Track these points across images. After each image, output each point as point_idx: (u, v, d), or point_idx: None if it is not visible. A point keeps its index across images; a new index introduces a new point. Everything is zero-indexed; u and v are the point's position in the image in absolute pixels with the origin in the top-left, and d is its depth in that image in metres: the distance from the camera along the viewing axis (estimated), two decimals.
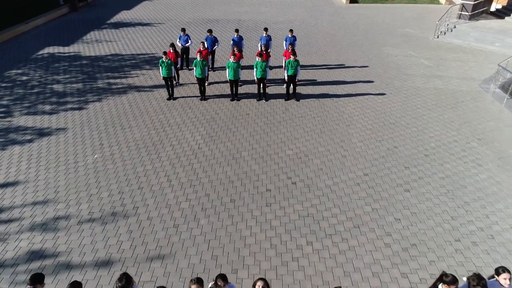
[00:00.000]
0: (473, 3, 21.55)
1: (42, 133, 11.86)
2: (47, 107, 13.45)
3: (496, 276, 5.28)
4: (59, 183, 9.56)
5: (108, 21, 24.56)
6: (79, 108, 13.37)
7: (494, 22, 21.89)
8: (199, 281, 4.96)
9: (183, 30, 15.95)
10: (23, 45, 20.08)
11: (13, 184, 9.55)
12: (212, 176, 9.83)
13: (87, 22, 24.38)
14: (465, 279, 5.78)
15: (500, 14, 22.98)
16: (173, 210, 8.69)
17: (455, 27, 21.30)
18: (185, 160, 10.46)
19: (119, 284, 4.89)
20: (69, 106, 13.54)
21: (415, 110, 13.14)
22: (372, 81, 15.47)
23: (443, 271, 5.28)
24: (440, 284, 5.13)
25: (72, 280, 5.66)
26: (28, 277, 5.65)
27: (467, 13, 21.99)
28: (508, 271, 5.20)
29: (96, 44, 20.21)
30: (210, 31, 15.63)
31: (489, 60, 17.57)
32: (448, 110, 13.21)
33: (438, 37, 21.06)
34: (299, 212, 8.61)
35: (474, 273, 5.14)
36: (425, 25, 23.15)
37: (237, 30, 15.92)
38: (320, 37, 21.07)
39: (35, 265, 7.26)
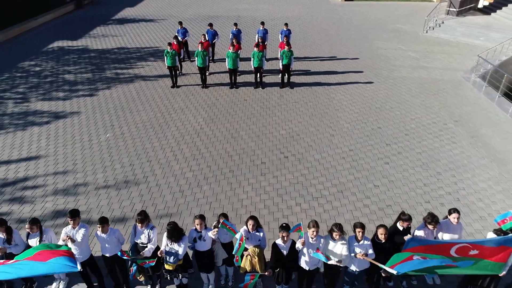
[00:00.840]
0: (460, 0, 22.70)
1: (57, 116, 13.00)
2: (61, 94, 14.59)
3: (448, 216, 6.41)
4: (76, 157, 10.71)
5: (113, 18, 25.70)
6: (90, 95, 14.50)
7: (480, 18, 23.06)
8: (201, 217, 6.09)
9: (180, 23, 17.12)
10: (34, 39, 21.22)
11: (36, 158, 10.69)
12: (213, 151, 10.97)
13: (92, 18, 25.50)
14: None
15: (487, 10, 24.15)
16: (178, 178, 9.82)
17: (443, 22, 22.46)
18: (188, 138, 11.60)
19: (139, 217, 6.02)
20: (80, 93, 14.68)
21: (400, 96, 14.28)
22: (361, 71, 16.61)
23: (402, 211, 6.42)
24: (398, 222, 6.26)
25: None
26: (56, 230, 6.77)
27: (454, 9, 23.16)
28: (458, 212, 6.33)
29: (103, 38, 21.34)
30: (210, 24, 16.77)
31: (473, 53, 18.67)
32: (430, 96, 14.35)
33: (427, 32, 22.19)
34: (290, 180, 9.75)
35: (429, 212, 6.27)
36: (416, 21, 24.25)
37: (235, 24, 17.06)
38: (315, 32, 22.21)
39: (60, 221, 8.40)
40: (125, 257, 6.06)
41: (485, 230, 8.00)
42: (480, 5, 24.98)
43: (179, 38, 16.37)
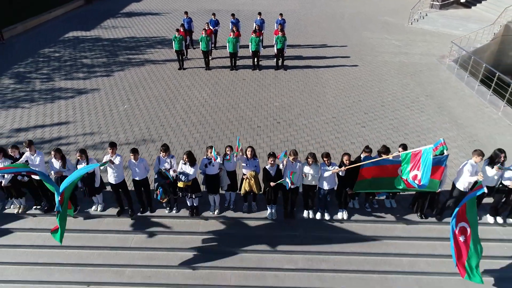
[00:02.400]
0: None
1: (80, 92, 14.90)
2: (81, 75, 16.49)
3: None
4: (100, 123, 12.61)
5: (121, 11, 27.58)
6: (107, 75, 16.41)
7: (461, 11, 24.98)
8: (211, 147, 7.99)
9: (186, 13, 19.03)
10: (50, 30, 23.11)
11: (65, 123, 12.59)
12: (216, 118, 12.87)
13: (102, 12, 27.35)
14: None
15: (468, 4, 26.05)
16: (188, 138, 11.72)
17: (426, 15, 24.37)
18: (195, 108, 13.51)
19: (163, 148, 7.93)
20: (98, 74, 16.59)
21: (380, 76, 16.19)
22: (348, 56, 18.51)
23: (366, 145, 8.32)
24: (362, 153, 8.16)
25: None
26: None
27: (438, 3, 25.06)
28: (403, 146, 8.17)
29: (113, 29, 23.23)
30: (213, 14, 18.67)
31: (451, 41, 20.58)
32: (407, 76, 16.27)
33: (411, 24, 24.09)
34: (281, 139, 11.66)
35: (383, 145, 8.15)
36: (403, 14, 25.99)
37: (233, 15, 18.98)
38: (309, 24, 24.11)
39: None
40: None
41: None
42: (462, 0, 26.87)
43: (185, 26, 18.27)
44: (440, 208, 8.51)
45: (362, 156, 8.21)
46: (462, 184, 7.97)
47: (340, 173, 7.82)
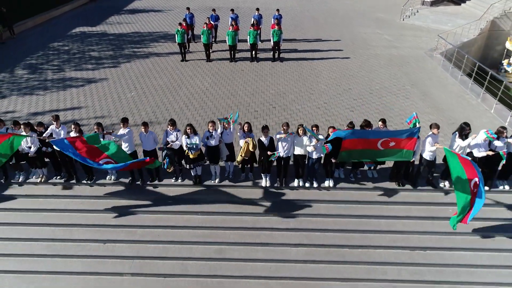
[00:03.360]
0: None
1: (89, 81, 15.98)
2: (89, 66, 17.58)
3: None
4: (109, 108, 13.69)
5: (124, 9, 28.65)
6: (114, 67, 17.49)
7: (451, 8, 26.10)
8: (212, 121, 9.07)
9: (188, 8, 20.11)
10: (58, 25, 24.20)
11: (78, 108, 13.68)
12: (217, 104, 13.95)
13: (106, 9, 28.41)
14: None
15: (458, 1, 27.17)
16: (191, 120, 12.78)
17: (417, 11, 25.49)
18: (197, 95, 14.59)
19: (170, 121, 9.02)
20: (106, 65, 17.67)
21: (370, 68, 17.28)
22: (341, 50, 19.60)
23: (351, 121, 9.40)
24: (345, 128, 9.24)
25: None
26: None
27: (428, 0, 26.16)
28: (383, 120, 9.26)
29: (118, 25, 24.31)
30: (214, 10, 19.76)
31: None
32: (395, 67, 17.37)
33: (403, 20, 25.19)
34: (276, 121, 12.74)
35: (364, 119, 9.25)
36: (397, 11, 27.10)
37: (232, 10, 20.06)
38: (305, 20, 25.20)
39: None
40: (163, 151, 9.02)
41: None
42: None
43: (187, 21, 19.36)
44: (414, 177, 9.60)
45: (346, 128, 9.29)
46: (427, 154, 9.07)
47: (326, 147, 8.88)
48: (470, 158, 8.14)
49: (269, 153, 8.95)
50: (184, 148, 9.07)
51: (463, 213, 7.83)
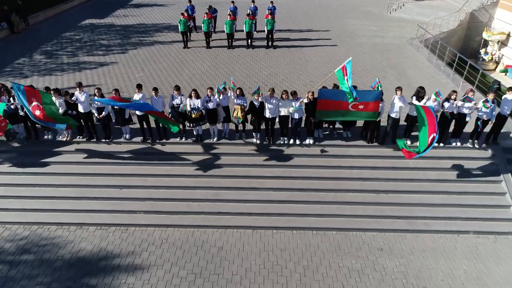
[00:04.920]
0: None
1: (101, 64, 17.80)
2: (100, 52, 19.40)
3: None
4: (120, 85, 15.50)
5: (130, 3, 30.48)
6: (123, 52, 19.31)
7: (435, 2, 27.92)
8: (211, 88, 10.88)
9: (190, 1, 21.90)
10: (68, 18, 26.03)
11: (93, 85, 15.43)
12: (216, 82, 15.70)
13: (112, 3, 30.19)
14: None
15: None
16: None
17: (404, 5, 27.32)
18: (197, 75, 16.41)
19: (176, 87, 10.83)
20: (115, 51, 19.49)
21: (355, 53, 19.09)
22: (330, 39, 21.42)
23: (324, 86, 11.18)
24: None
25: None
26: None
27: None
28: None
29: (124, 17, 26.13)
30: (210, 6, 21.58)
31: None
32: (377, 53, 19.19)
33: (390, 13, 27.03)
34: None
35: (334, 84, 11.04)
36: (385, 5, 28.96)
37: (232, 2, 21.86)
38: (298, 13, 27.02)
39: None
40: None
41: None
42: None
43: (189, 12, 21.18)
44: (382, 136, 11.41)
45: None
46: (394, 113, 10.88)
47: (305, 100, 10.69)
48: (433, 111, 9.91)
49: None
50: (188, 108, 10.88)
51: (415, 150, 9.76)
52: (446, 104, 10.62)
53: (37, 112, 10.23)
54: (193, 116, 10.89)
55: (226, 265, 9.15)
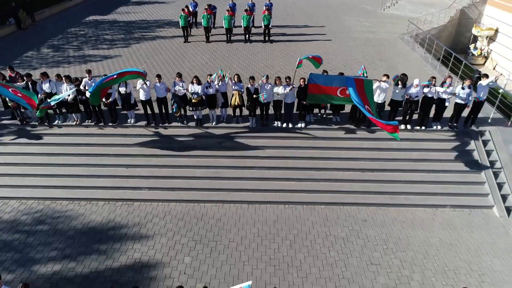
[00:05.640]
0: None
1: (106, 57, 18.71)
2: (104, 46, 20.32)
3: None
4: None
5: (132, 0, 31.38)
6: (126, 46, 20.23)
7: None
8: (210, 75, 11.79)
9: None
10: (73, 14, 26.95)
11: (99, 76, 16.35)
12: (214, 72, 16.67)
13: (114, 1, 31.04)
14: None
15: None
16: None
17: (397, 2, 28.26)
18: (197, 67, 17.32)
19: (178, 74, 11.73)
20: (118, 45, 20.41)
21: (348, 47, 20.02)
22: (325, 34, 22.34)
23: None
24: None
25: None
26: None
27: None
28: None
29: (126, 14, 27.05)
30: (210, 5, 22.45)
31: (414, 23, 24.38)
32: (369, 47, 20.11)
33: (384, 10, 27.94)
34: None
35: (323, 70, 11.96)
36: (379, 3, 29.87)
37: None
38: (295, 10, 27.93)
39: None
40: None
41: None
42: None
43: (190, 8, 22.11)
44: (368, 120, 12.32)
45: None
46: (378, 98, 11.79)
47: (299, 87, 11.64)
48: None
49: (254, 96, 11.70)
50: (189, 93, 11.80)
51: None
52: (427, 89, 11.53)
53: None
54: (193, 100, 11.81)
55: (224, 234, 10.07)
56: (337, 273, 8.97)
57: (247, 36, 20.76)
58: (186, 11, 20.83)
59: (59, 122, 12.73)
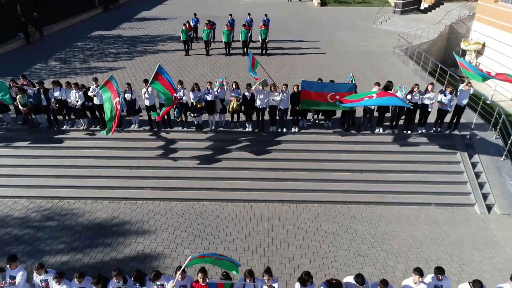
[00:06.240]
0: (402, 2, 29.86)
1: (111, 69, 19.68)
2: (109, 59, 21.33)
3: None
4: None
5: (135, 17, 32.71)
6: (130, 59, 21.25)
7: (418, 16, 30.15)
8: (210, 82, 12.66)
9: (195, 14, 24.01)
10: (78, 30, 28.14)
11: None
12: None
13: (118, 18, 32.41)
14: None
15: (425, 10, 31.25)
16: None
17: (389, 18, 29.51)
18: (198, 78, 18.21)
19: (179, 81, 12.59)
20: (123, 58, 21.43)
21: (341, 60, 21.04)
22: (319, 48, 23.42)
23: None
24: None
25: None
26: None
27: (399, 9, 30.25)
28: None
29: (130, 29, 28.24)
30: (209, 21, 23.64)
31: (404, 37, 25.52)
32: (361, 60, 21.13)
33: (377, 26, 29.17)
34: None
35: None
36: (373, 19, 31.17)
37: (230, 15, 23.96)
38: (291, 25, 29.17)
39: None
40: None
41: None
42: (422, 7, 32.08)
43: (192, 24, 23.26)
44: (357, 124, 13.15)
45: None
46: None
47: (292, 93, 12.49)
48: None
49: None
50: (190, 100, 12.65)
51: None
52: (409, 96, 12.38)
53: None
54: (199, 105, 12.66)
55: (221, 229, 10.75)
56: (326, 263, 9.61)
57: (245, 49, 21.81)
58: (187, 25, 21.95)
59: (67, 127, 13.54)
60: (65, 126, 13.57)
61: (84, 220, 11.10)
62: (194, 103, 12.72)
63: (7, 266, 7.40)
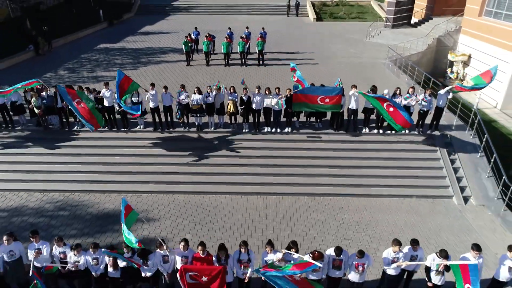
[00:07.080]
0: (393, 17, 31.45)
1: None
2: (115, 68, 22.56)
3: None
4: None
5: (138, 31, 34.22)
6: (135, 69, 22.54)
7: (408, 30, 31.67)
8: (209, 86, 13.83)
9: (196, 28, 25.45)
10: (85, 43, 29.57)
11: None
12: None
13: (122, 32, 33.87)
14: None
15: (415, 25, 32.83)
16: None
17: (381, 32, 31.02)
18: (199, 85, 19.35)
19: (181, 85, 13.77)
20: (128, 68, 22.72)
21: (333, 70, 22.34)
22: (313, 59, 24.77)
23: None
24: None
25: None
26: None
27: (390, 23, 31.82)
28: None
29: (134, 42, 29.68)
30: (208, 33, 25.08)
31: (394, 50, 26.93)
32: (352, 70, 22.44)
33: (369, 39, 30.65)
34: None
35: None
36: (365, 33, 32.70)
37: (229, 28, 25.41)
38: (288, 39, 30.62)
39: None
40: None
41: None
42: (412, 21, 33.67)
43: (193, 36, 24.68)
44: (346, 125, 14.28)
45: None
46: (351, 105, 13.79)
47: (284, 97, 13.62)
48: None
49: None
50: (191, 102, 13.81)
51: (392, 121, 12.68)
52: (400, 98, 13.55)
53: (81, 106, 13.00)
54: (194, 107, 13.79)
55: (219, 217, 11.75)
56: (315, 245, 10.57)
57: (243, 60, 23.13)
58: (189, 38, 23.33)
59: (78, 128, 14.64)
60: (75, 127, 14.67)
61: (94, 210, 12.09)
62: (191, 106, 13.86)
63: (32, 239, 8.37)
